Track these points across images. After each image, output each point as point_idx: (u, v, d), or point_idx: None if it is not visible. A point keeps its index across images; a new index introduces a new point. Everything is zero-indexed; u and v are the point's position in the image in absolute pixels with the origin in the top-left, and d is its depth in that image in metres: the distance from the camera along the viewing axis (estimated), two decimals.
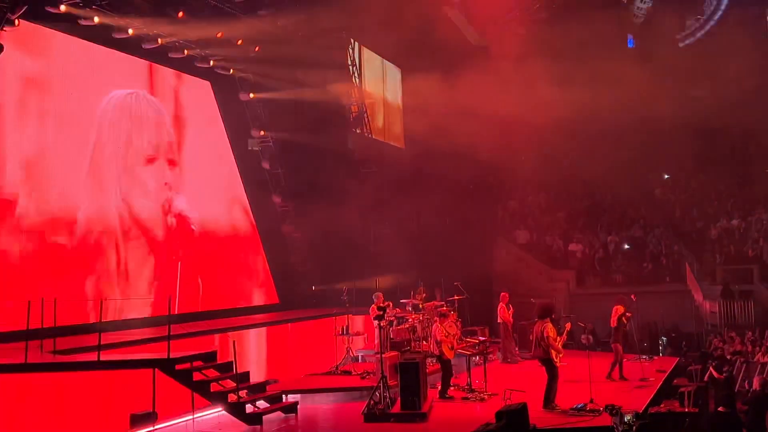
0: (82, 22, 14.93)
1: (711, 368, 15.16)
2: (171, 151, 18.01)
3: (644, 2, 28.70)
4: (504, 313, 17.83)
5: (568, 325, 12.90)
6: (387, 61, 25.90)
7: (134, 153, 16.85)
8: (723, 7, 29.61)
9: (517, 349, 18.28)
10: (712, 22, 29.83)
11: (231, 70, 19.79)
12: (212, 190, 19.58)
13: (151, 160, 17.17)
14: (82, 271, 15.15)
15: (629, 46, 31.52)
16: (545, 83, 26.49)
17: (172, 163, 17.91)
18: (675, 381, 15.28)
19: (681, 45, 30.37)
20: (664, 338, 20.94)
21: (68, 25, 15.00)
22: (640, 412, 11.23)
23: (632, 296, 15.97)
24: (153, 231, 17.18)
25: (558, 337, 12.47)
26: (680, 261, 25.09)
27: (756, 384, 13.30)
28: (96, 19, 14.99)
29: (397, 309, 16.54)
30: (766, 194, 27.46)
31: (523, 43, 26.88)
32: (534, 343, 12.71)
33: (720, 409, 13.53)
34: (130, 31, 15.94)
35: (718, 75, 26.55)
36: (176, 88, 18.66)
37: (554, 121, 27.17)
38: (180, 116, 18.64)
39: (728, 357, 17.79)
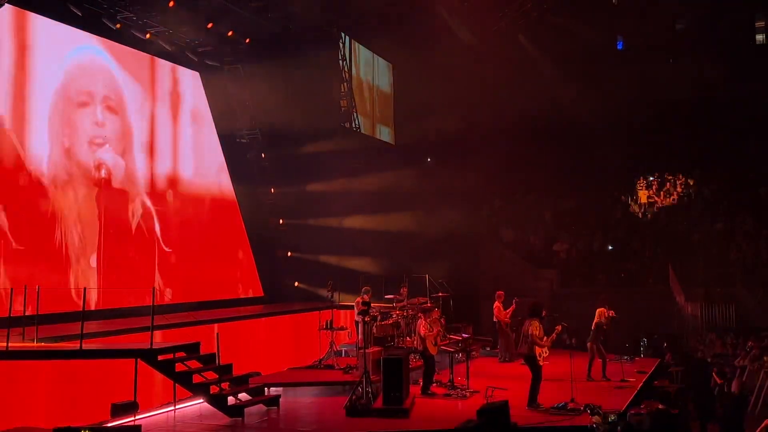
0: (72, 9, 14.90)
1: (714, 374, 14.91)
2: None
3: None
4: (499, 311, 17.83)
5: (558, 327, 12.96)
6: (378, 57, 25.88)
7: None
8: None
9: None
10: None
11: (221, 62, 19.76)
12: (199, 182, 19.54)
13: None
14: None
15: (618, 48, 31.63)
16: (533, 84, 26.64)
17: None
18: (656, 382, 15.37)
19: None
20: (645, 339, 21.00)
21: (56, 12, 14.96)
22: (621, 411, 11.30)
23: (611, 313, 15.90)
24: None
25: (545, 337, 12.54)
26: (663, 263, 25.23)
27: (734, 387, 13.41)
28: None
29: (381, 303, 16.54)
30: (749, 199, 27.67)
31: (513, 43, 26.97)
32: (520, 341, 12.84)
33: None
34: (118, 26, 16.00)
35: (704, 79, 26.74)
36: (165, 79, 18.60)
37: (542, 122, 27.37)
38: (168, 107, 18.59)
39: (708, 360, 17.89)
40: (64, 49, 15.80)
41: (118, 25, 16.05)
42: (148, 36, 17.05)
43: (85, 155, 16.06)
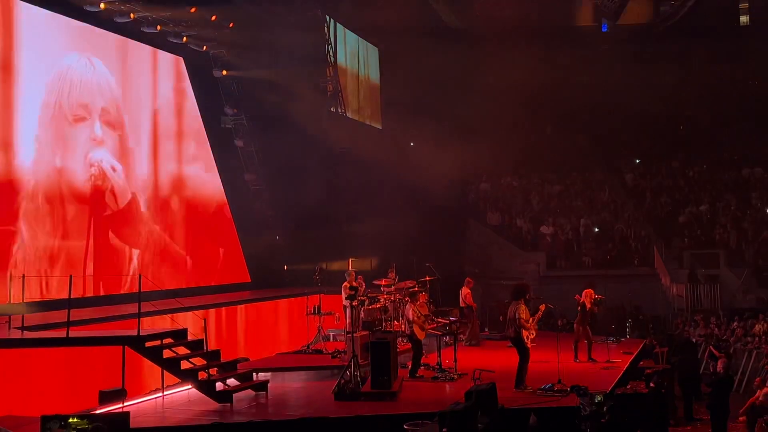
0: None
1: (711, 348, 15.39)
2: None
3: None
4: (468, 296, 17.97)
5: (542, 307, 13.01)
6: (364, 40, 25.74)
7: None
8: None
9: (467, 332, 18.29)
10: (685, 9, 29.92)
11: (204, 47, 19.60)
12: (185, 168, 19.43)
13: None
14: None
15: (603, 30, 31.63)
16: (519, 66, 26.62)
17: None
18: (641, 363, 15.51)
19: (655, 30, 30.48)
20: (631, 320, 21.18)
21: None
22: (607, 392, 11.39)
23: (599, 296, 15.97)
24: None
25: (530, 318, 12.59)
26: (649, 245, 25.40)
27: (719, 366, 13.55)
28: None
29: (369, 289, 16.55)
30: (733, 180, 27.87)
31: (499, 27, 26.94)
32: (507, 323, 12.90)
33: None
34: (102, 6, 15.76)
35: (689, 61, 26.86)
36: (149, 64, 18.44)
37: (526, 104, 27.41)
38: (149, 92, 18.43)
39: (694, 340, 18.08)
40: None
41: (102, 5, 15.85)
42: (130, 18, 16.83)
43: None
